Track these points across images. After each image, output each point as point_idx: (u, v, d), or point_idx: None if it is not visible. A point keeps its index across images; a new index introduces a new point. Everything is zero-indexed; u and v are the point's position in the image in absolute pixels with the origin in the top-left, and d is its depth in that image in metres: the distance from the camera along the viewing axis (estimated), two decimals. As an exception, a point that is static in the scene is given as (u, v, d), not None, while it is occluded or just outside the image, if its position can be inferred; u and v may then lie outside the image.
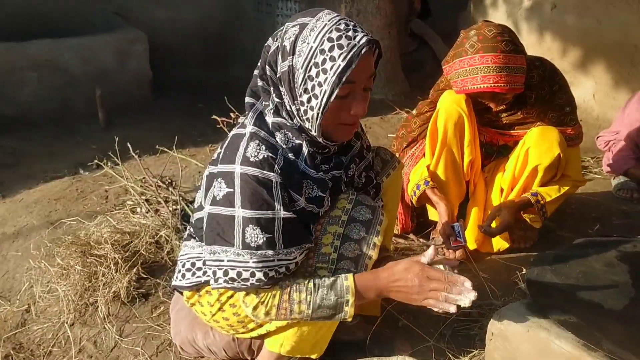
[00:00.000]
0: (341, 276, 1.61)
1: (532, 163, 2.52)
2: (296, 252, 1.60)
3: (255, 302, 1.60)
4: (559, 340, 1.52)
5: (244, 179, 1.53)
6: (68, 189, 3.43)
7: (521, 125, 2.61)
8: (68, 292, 2.35)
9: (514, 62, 2.31)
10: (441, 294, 1.53)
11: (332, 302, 1.59)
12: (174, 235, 2.65)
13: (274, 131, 1.61)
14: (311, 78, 1.50)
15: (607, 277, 1.82)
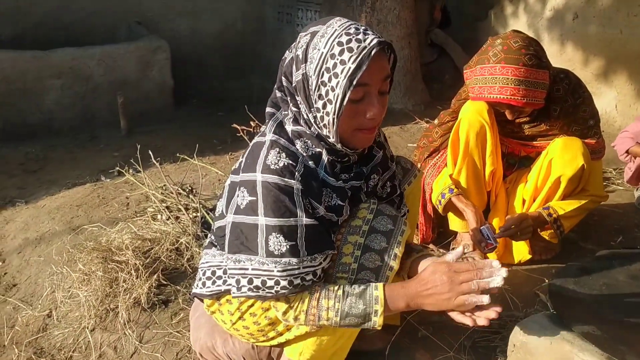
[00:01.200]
0: (371, 285, 1.60)
1: (555, 173, 2.48)
2: (320, 257, 1.59)
3: (285, 307, 1.60)
4: (582, 354, 1.50)
5: (265, 186, 1.53)
6: (90, 195, 3.47)
7: (544, 137, 2.58)
8: (89, 297, 2.37)
9: (535, 77, 2.28)
10: (473, 282, 1.52)
11: (361, 312, 1.58)
12: (194, 242, 2.67)
13: (294, 139, 1.61)
14: (324, 84, 1.50)
15: (631, 289, 1.80)
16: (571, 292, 1.77)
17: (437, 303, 1.58)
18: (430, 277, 1.57)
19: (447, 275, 1.55)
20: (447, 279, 1.54)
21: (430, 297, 1.58)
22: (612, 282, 1.84)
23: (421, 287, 1.58)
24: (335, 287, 1.60)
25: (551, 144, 2.55)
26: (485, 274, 1.53)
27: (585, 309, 1.69)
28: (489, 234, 2.39)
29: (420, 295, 1.59)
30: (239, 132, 3.62)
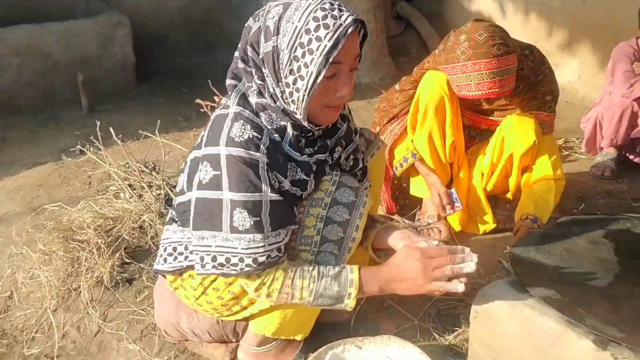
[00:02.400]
0: (347, 268, 1.60)
1: (508, 150, 2.55)
2: (283, 233, 1.58)
3: (257, 284, 1.59)
4: (542, 317, 1.52)
5: (230, 160, 1.50)
6: (51, 175, 3.40)
7: (502, 111, 2.61)
8: (50, 277, 2.32)
9: (506, 64, 2.29)
10: (447, 268, 1.54)
11: (335, 293, 1.58)
12: (157, 219, 2.63)
13: (258, 111, 1.57)
14: (297, 59, 1.47)
15: (591, 254, 1.83)
16: (532, 258, 1.79)
17: (410, 288, 1.59)
18: (403, 262, 1.59)
19: (421, 261, 1.56)
20: (420, 265, 1.55)
21: (403, 282, 1.59)
22: (572, 247, 1.86)
23: (395, 272, 1.59)
24: (310, 267, 1.59)
25: (504, 120, 2.59)
26: (458, 260, 1.55)
27: (545, 274, 1.71)
28: (457, 197, 2.51)
29: (394, 280, 1.60)
30: (203, 108, 3.56)
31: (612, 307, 1.57)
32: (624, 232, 1.96)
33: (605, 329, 1.44)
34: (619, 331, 1.43)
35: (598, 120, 3.39)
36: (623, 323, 1.48)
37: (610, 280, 1.69)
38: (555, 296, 1.58)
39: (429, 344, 1.95)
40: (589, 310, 1.52)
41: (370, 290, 1.61)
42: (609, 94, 3.34)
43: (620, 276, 1.72)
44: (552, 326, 1.50)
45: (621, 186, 3.19)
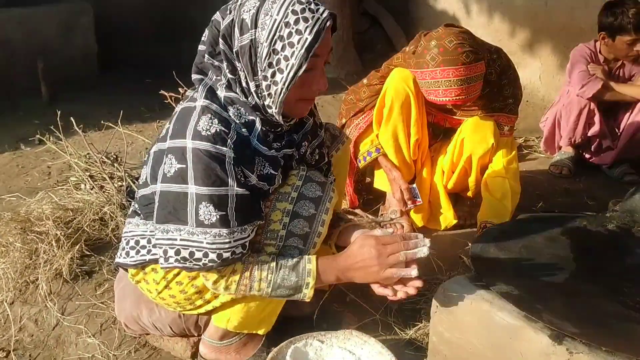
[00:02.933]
0: (305, 258, 1.62)
1: (467, 152, 2.62)
2: (249, 229, 1.58)
3: (216, 277, 1.58)
4: (501, 312, 1.55)
5: (196, 153, 1.49)
6: (8, 164, 3.33)
7: (465, 111, 2.65)
8: (7, 269, 2.27)
9: (474, 71, 2.32)
10: (400, 254, 1.57)
11: (293, 283, 1.59)
12: (119, 212, 2.59)
13: (227, 105, 1.56)
14: (276, 52, 1.47)
15: (549, 251, 1.86)
16: (492, 254, 1.82)
17: (366, 276, 1.62)
18: (359, 250, 1.61)
19: (376, 249, 1.58)
20: (375, 252, 1.58)
21: (359, 270, 1.61)
22: (531, 244, 1.90)
23: (351, 260, 1.62)
24: (268, 258, 1.60)
25: (464, 122, 2.66)
26: (411, 245, 1.58)
27: (504, 270, 1.74)
28: (417, 192, 2.62)
29: (350, 269, 1.62)
30: (167, 99, 3.52)
31: (568, 302, 1.61)
32: (580, 230, 2.01)
33: (561, 324, 1.47)
34: (574, 326, 1.46)
35: (557, 119, 3.48)
36: (578, 318, 1.51)
37: (567, 277, 1.73)
38: (513, 292, 1.61)
39: (391, 338, 1.98)
40: (545, 305, 1.56)
41: (327, 279, 1.63)
42: (567, 94, 3.43)
43: (576, 273, 1.76)
44: (510, 321, 1.53)
45: (578, 185, 3.27)
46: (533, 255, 1.83)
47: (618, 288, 1.68)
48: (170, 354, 1.95)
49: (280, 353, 1.79)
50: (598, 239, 1.97)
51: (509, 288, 1.63)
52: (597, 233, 2.00)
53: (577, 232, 1.99)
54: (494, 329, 1.56)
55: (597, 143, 3.44)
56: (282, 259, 1.61)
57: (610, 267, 1.82)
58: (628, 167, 3.39)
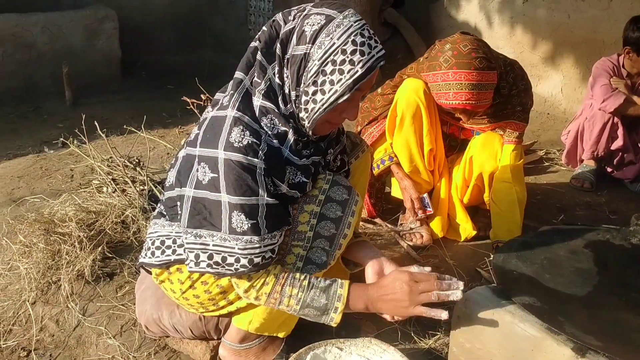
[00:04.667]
0: (337, 282, 1.63)
1: (477, 170, 2.66)
2: (279, 234, 1.61)
3: (247, 286, 1.61)
4: (523, 324, 1.54)
5: (227, 164, 1.51)
6: (32, 166, 3.37)
7: (474, 120, 2.65)
8: (30, 270, 2.29)
9: (486, 79, 2.33)
10: (433, 293, 1.56)
11: (322, 305, 1.61)
12: (140, 215, 2.61)
13: (260, 116, 1.57)
14: (324, 73, 1.50)
15: (570, 263, 1.85)
16: (513, 266, 1.81)
17: (395, 310, 1.63)
18: (392, 284, 1.62)
19: (408, 285, 1.58)
20: (407, 289, 1.58)
21: (389, 302, 1.62)
22: (553, 256, 1.88)
23: (382, 292, 1.62)
24: (301, 276, 1.62)
25: (472, 140, 2.70)
26: (444, 286, 1.58)
27: (526, 282, 1.73)
28: (428, 202, 2.68)
29: (380, 300, 1.62)
30: (189, 105, 3.55)
31: (591, 315, 1.60)
32: (604, 243, 1.99)
33: (584, 337, 1.46)
34: (597, 339, 1.46)
35: (579, 133, 3.46)
36: (601, 331, 1.51)
37: (590, 290, 1.72)
38: (535, 303, 1.60)
39: (410, 347, 1.97)
40: (568, 318, 1.55)
41: (356, 307, 1.64)
42: (589, 107, 3.41)
43: (599, 286, 1.74)
44: (532, 333, 1.52)
45: (600, 198, 3.24)
46: (555, 267, 1.82)
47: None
48: (189, 357, 1.96)
49: (299, 359, 1.80)
50: (621, 252, 1.96)
51: (532, 300, 1.62)
52: (621, 246, 1.98)
53: (600, 245, 1.98)
54: (515, 341, 1.55)
55: (620, 157, 3.41)
56: (315, 279, 1.62)
57: (633, 281, 1.80)
58: (651, 181, 3.36)
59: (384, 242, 2.74)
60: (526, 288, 1.69)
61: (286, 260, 1.69)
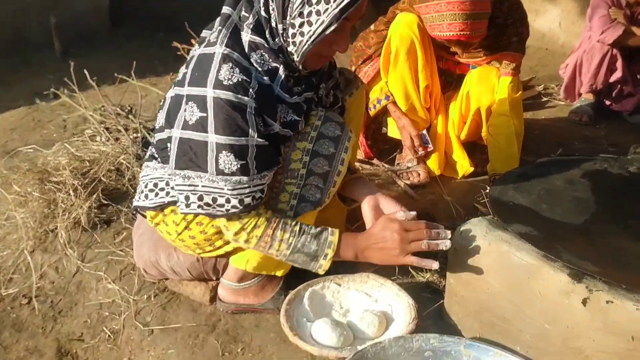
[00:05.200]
0: (328, 229, 1.62)
1: (474, 105, 2.60)
2: (268, 175, 1.58)
3: (238, 228, 1.60)
4: (519, 253, 1.54)
5: (217, 103, 1.47)
6: (24, 118, 3.33)
7: (469, 54, 2.61)
8: (27, 219, 2.29)
9: (480, 8, 2.26)
10: (423, 242, 1.56)
11: (312, 251, 1.60)
12: (135, 162, 2.59)
13: (250, 52, 1.53)
14: (310, 3, 1.44)
15: (568, 193, 1.84)
16: (510, 197, 1.80)
17: (384, 259, 1.62)
18: (382, 232, 1.61)
19: (398, 233, 1.58)
20: (398, 237, 1.57)
21: (379, 251, 1.61)
22: (550, 187, 1.87)
23: (372, 241, 1.62)
24: (292, 222, 1.61)
25: (469, 74, 2.64)
26: (434, 235, 1.58)
27: (523, 212, 1.72)
28: (427, 139, 2.64)
29: (370, 249, 1.62)
30: (180, 51, 3.49)
31: (587, 242, 1.59)
32: (601, 172, 1.97)
33: (580, 263, 1.46)
34: (594, 265, 1.45)
35: (577, 66, 3.40)
36: (597, 257, 1.50)
37: (587, 218, 1.71)
38: (532, 232, 1.60)
39: (407, 281, 1.98)
40: (565, 246, 1.54)
41: (345, 255, 1.64)
42: (588, 39, 3.34)
43: (596, 214, 1.74)
44: (529, 261, 1.51)
45: (598, 132, 3.22)
46: (553, 197, 1.81)
47: (638, 228, 1.66)
48: (189, 298, 1.97)
49: (298, 295, 1.81)
50: (619, 181, 1.94)
51: (528, 229, 1.61)
52: (618, 175, 1.97)
53: (597, 175, 1.96)
54: (512, 269, 1.55)
55: (618, 89, 3.36)
56: (306, 226, 1.62)
57: (631, 208, 1.79)
58: (649, 113, 3.32)
59: (381, 182, 2.72)
60: (523, 218, 1.68)
61: (280, 199, 1.68)
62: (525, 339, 1.55)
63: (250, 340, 1.81)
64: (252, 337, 1.82)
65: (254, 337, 1.82)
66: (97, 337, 1.87)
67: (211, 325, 1.87)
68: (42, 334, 1.90)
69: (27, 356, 1.81)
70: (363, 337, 1.71)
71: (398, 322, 1.73)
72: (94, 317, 1.95)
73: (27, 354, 1.82)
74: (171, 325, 1.88)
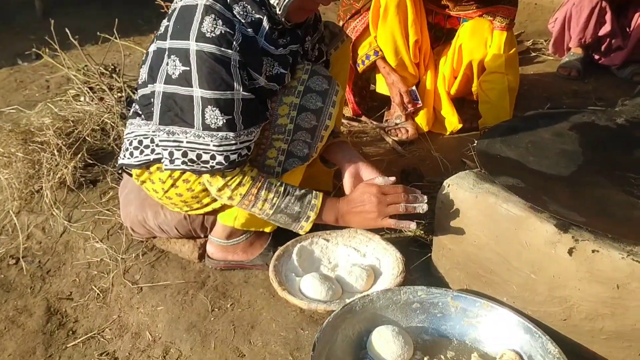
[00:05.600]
0: (312, 192, 1.63)
1: (467, 58, 2.58)
2: (255, 131, 1.56)
3: (222, 184, 1.58)
4: (506, 204, 1.54)
5: (200, 56, 1.44)
6: (6, 79, 3.27)
7: (461, 6, 2.57)
8: (11, 180, 2.26)
9: None
10: (401, 205, 1.58)
11: (294, 213, 1.61)
12: (119, 122, 2.56)
13: (232, 4, 1.49)
14: None
15: (556, 146, 1.83)
16: (497, 150, 1.79)
17: (364, 222, 1.65)
18: (360, 197, 1.63)
19: (376, 197, 1.60)
20: (375, 200, 1.60)
21: (358, 215, 1.63)
22: (537, 139, 1.86)
23: (351, 205, 1.64)
24: (277, 182, 1.60)
25: (461, 27, 2.61)
26: (411, 199, 1.60)
27: (510, 165, 1.72)
28: (417, 95, 2.60)
29: (350, 213, 1.64)
30: (164, 9, 3.41)
31: (574, 193, 1.59)
32: (589, 125, 1.97)
33: (567, 213, 1.46)
34: (580, 215, 1.46)
35: (566, 19, 3.37)
36: (584, 208, 1.50)
37: (574, 170, 1.71)
38: (519, 184, 1.59)
39: (395, 236, 1.98)
40: (552, 197, 1.54)
41: (326, 218, 1.66)
42: None
43: (583, 166, 1.73)
44: (516, 212, 1.51)
45: (587, 86, 3.21)
46: (540, 150, 1.80)
47: (625, 179, 1.66)
48: (177, 256, 1.97)
49: (287, 251, 1.81)
50: (607, 132, 1.94)
51: (515, 181, 1.61)
52: (606, 127, 1.96)
53: (585, 127, 1.96)
54: (499, 221, 1.55)
55: (608, 43, 3.34)
56: (290, 187, 1.62)
57: (618, 159, 1.79)
58: (638, 67, 3.30)
59: (369, 139, 2.71)
60: (510, 171, 1.67)
61: (268, 155, 1.67)
62: (511, 290, 1.56)
63: (239, 295, 1.81)
64: (241, 292, 1.82)
65: (243, 293, 1.82)
66: (87, 296, 1.86)
67: (200, 282, 1.87)
68: (31, 294, 1.89)
69: (16, 315, 1.81)
70: (351, 291, 1.72)
71: (386, 276, 1.74)
72: (82, 276, 1.94)
73: (16, 313, 1.81)
74: (160, 282, 1.88)
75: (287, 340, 1.64)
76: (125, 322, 1.76)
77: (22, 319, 1.79)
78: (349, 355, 1.50)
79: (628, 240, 1.37)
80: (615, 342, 1.41)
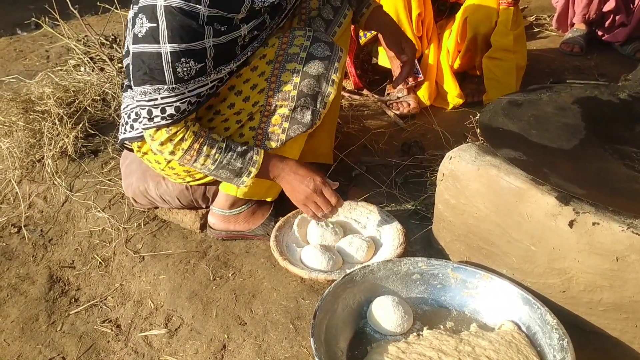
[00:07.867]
0: (254, 149, 1.63)
1: (471, 32, 2.56)
2: (225, 70, 1.57)
3: (165, 138, 1.57)
4: (508, 177, 1.54)
5: (168, 11, 1.41)
6: (6, 49, 3.25)
7: None
8: (13, 149, 2.26)
9: None
10: (317, 212, 1.68)
11: (236, 169, 1.61)
12: (120, 92, 2.55)
13: None
14: None
15: (558, 119, 1.83)
16: (500, 123, 1.79)
17: (290, 194, 1.69)
18: (305, 177, 1.65)
19: (314, 188, 1.65)
20: (309, 191, 1.65)
21: (289, 184, 1.67)
22: (540, 113, 1.86)
23: (293, 176, 1.66)
24: (219, 137, 1.60)
25: (466, 1, 2.58)
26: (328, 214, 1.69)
27: (512, 138, 1.72)
28: (418, 68, 2.57)
29: (287, 180, 1.66)
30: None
31: (575, 166, 1.59)
32: (591, 99, 1.96)
33: (568, 186, 1.46)
34: (581, 188, 1.46)
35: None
36: (585, 182, 1.51)
37: (576, 143, 1.71)
38: (521, 157, 1.59)
39: (396, 209, 1.99)
40: (553, 169, 1.54)
41: (266, 175, 1.67)
42: None
43: (585, 139, 1.73)
44: (517, 185, 1.52)
45: (589, 62, 3.19)
46: (542, 123, 1.80)
47: (627, 153, 1.67)
48: (179, 225, 1.98)
49: (288, 222, 1.82)
50: (609, 107, 1.93)
51: (517, 154, 1.61)
52: (608, 102, 1.95)
53: (587, 101, 1.95)
54: (500, 193, 1.56)
55: (611, 19, 3.31)
56: (232, 142, 1.62)
57: (620, 133, 1.79)
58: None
59: (371, 112, 2.71)
60: (512, 143, 1.67)
61: (271, 121, 1.66)
62: (511, 262, 1.58)
63: (240, 265, 1.83)
64: (242, 262, 1.84)
65: (244, 263, 1.83)
66: (89, 264, 1.88)
67: (202, 252, 1.88)
68: (33, 262, 1.91)
69: (18, 283, 1.82)
70: (352, 261, 1.74)
71: (386, 247, 1.76)
72: (84, 245, 1.95)
73: (18, 280, 1.83)
74: (162, 252, 1.89)
75: (288, 309, 1.65)
76: (128, 290, 1.78)
77: (25, 287, 1.81)
78: (350, 324, 1.51)
79: (628, 213, 1.37)
80: (613, 313, 1.43)
